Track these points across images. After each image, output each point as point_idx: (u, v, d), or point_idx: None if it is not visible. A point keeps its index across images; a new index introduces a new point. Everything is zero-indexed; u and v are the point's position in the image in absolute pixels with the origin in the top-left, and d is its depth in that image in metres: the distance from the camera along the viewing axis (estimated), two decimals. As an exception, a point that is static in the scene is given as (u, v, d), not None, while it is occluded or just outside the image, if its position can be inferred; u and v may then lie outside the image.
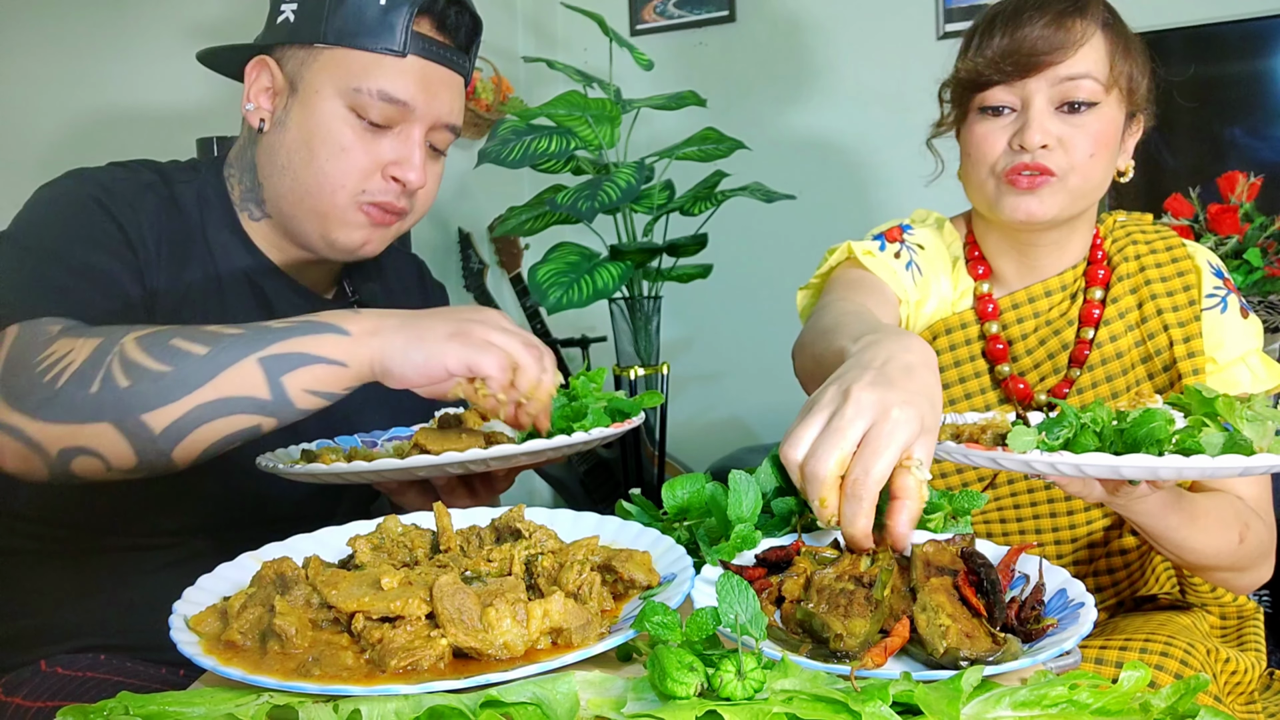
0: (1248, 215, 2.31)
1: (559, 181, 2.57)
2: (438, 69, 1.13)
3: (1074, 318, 1.28)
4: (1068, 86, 1.15)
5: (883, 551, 0.80)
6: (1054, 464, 0.85)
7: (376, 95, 1.09)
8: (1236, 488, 1.19)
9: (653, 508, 1.12)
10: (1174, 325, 1.24)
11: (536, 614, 0.73)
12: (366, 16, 1.08)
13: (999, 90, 1.18)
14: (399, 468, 0.91)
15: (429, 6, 1.11)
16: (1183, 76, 2.59)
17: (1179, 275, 1.27)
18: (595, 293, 2.25)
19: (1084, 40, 1.15)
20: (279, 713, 0.66)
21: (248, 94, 1.15)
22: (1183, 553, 1.10)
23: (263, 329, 0.88)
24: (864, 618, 0.74)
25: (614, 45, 2.51)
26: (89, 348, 0.87)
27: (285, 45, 1.13)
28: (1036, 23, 1.15)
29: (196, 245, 1.14)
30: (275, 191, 1.14)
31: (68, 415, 0.85)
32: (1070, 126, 1.17)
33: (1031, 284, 1.30)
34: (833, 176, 3.03)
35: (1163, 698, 0.68)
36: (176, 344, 0.87)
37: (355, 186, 1.11)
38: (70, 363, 0.86)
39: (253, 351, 0.86)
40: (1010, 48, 1.16)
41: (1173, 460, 0.82)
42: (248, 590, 0.79)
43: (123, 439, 0.86)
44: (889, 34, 2.95)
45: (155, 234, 1.10)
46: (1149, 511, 1.03)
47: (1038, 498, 1.29)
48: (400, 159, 1.12)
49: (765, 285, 2.93)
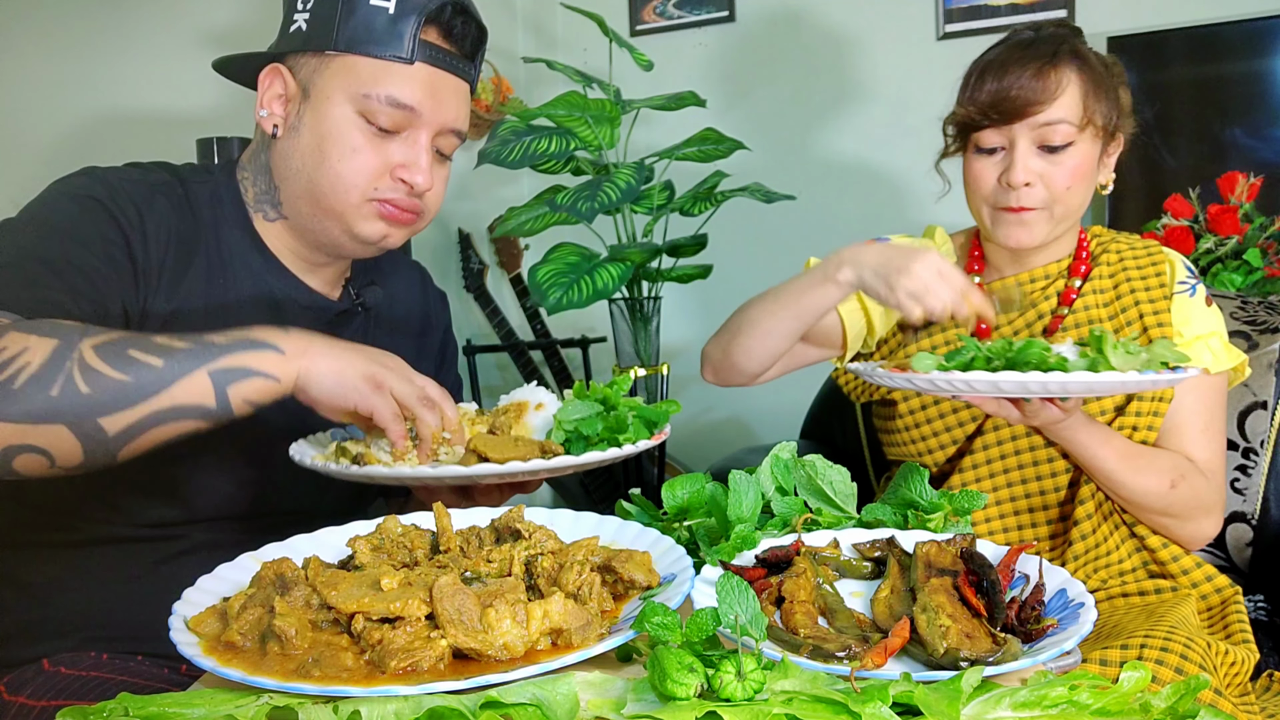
0: (1248, 215, 2.31)
1: (559, 182, 2.57)
2: (444, 76, 1.17)
3: (1052, 294, 1.44)
4: (1046, 131, 1.32)
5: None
6: (950, 381, 1.04)
7: (385, 101, 1.13)
8: (1190, 449, 1.35)
9: (653, 508, 1.12)
10: (1145, 303, 1.40)
11: (536, 615, 0.73)
12: (376, 25, 1.12)
13: (989, 133, 1.36)
14: (465, 474, 0.96)
15: (436, 16, 1.15)
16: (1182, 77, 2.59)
17: (1153, 264, 1.44)
18: (595, 293, 2.25)
19: (1060, 91, 1.31)
20: (279, 714, 0.66)
21: (261, 100, 1.18)
22: (1115, 486, 1.30)
23: (208, 344, 0.94)
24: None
25: (614, 45, 2.51)
26: (45, 349, 0.89)
27: (298, 53, 1.16)
28: (1019, 76, 1.31)
29: (207, 245, 1.17)
30: (291, 193, 1.18)
31: (23, 416, 0.88)
32: (1050, 164, 1.34)
33: (1020, 272, 1.47)
34: (832, 176, 3.03)
35: (1163, 698, 0.68)
36: (133, 354, 0.92)
37: (367, 185, 1.15)
38: (27, 363, 0.89)
39: (203, 364, 0.93)
40: (997, 97, 1.33)
41: (1035, 375, 1.00)
42: (247, 591, 0.79)
43: (75, 440, 0.90)
44: (889, 34, 2.94)
45: (164, 235, 1.12)
46: (1076, 440, 1.25)
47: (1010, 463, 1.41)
48: (408, 162, 1.16)
49: (765, 285, 2.92)
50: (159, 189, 1.15)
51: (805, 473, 1.07)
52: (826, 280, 1.31)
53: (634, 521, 0.97)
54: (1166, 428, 1.37)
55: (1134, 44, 2.58)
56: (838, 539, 0.98)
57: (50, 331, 0.91)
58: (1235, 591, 1.33)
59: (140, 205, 1.11)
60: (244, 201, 1.21)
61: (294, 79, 1.16)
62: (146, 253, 1.10)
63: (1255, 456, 1.61)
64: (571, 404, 1.09)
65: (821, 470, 1.06)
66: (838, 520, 1.05)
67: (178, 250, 1.13)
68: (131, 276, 1.09)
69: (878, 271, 1.25)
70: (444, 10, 1.15)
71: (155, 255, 1.11)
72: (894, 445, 1.52)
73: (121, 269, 1.08)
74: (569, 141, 2.39)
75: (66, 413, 0.89)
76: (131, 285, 1.08)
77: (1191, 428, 1.36)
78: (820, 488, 1.06)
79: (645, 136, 2.99)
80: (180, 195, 1.16)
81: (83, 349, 0.90)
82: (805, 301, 1.34)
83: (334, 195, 1.15)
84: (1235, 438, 1.61)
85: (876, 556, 0.95)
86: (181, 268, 1.13)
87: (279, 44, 1.19)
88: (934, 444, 1.45)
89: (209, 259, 1.16)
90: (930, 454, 1.46)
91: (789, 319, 1.37)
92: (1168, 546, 1.36)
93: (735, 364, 1.45)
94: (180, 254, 1.14)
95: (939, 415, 1.45)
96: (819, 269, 1.33)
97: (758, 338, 1.41)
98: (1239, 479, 1.61)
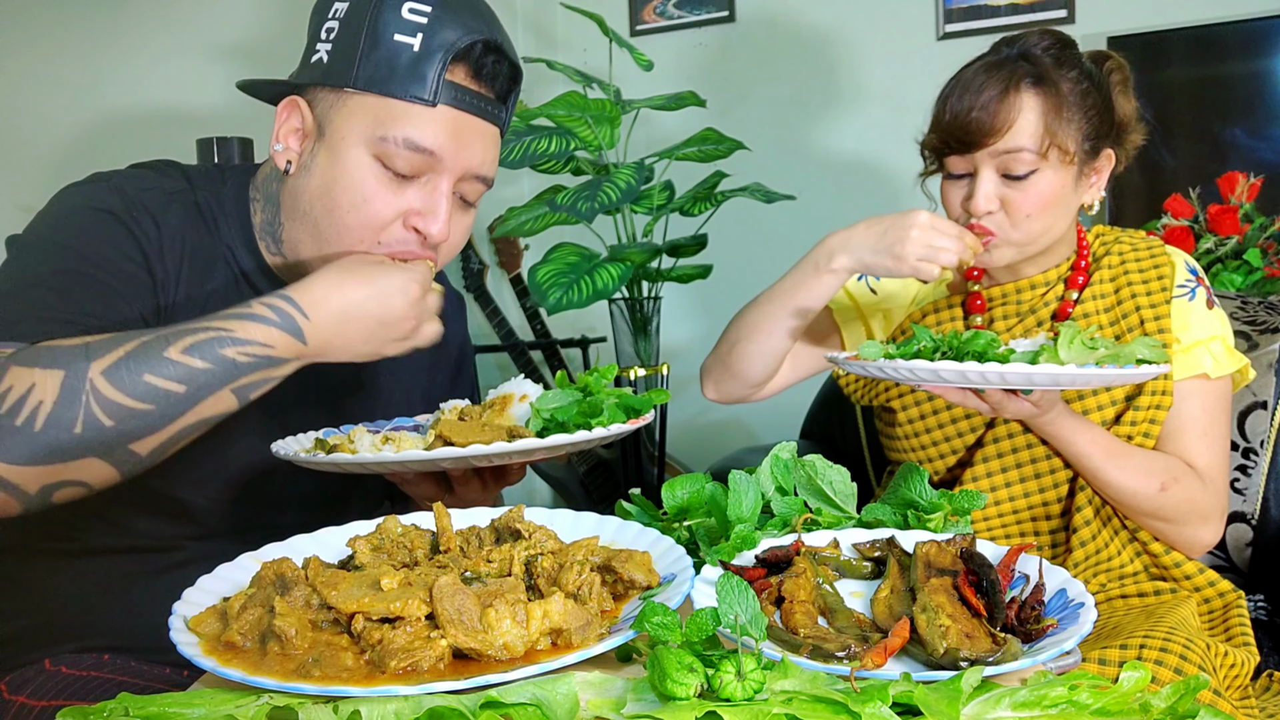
0: (1248, 215, 2.31)
1: (559, 182, 2.56)
2: (470, 119, 1.08)
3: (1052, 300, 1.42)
4: (1007, 159, 1.30)
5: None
6: (896, 368, 1.07)
7: (403, 144, 1.05)
8: (1189, 454, 1.33)
9: (653, 508, 1.12)
10: (1145, 306, 1.37)
11: (536, 615, 0.73)
12: (399, 63, 1.04)
13: (954, 159, 1.34)
14: (424, 459, 0.94)
15: (465, 55, 1.06)
16: (1182, 77, 2.59)
17: (1155, 267, 1.40)
18: (595, 293, 2.24)
19: (1015, 118, 1.28)
20: (279, 714, 0.66)
21: (277, 134, 1.11)
22: (1102, 485, 1.30)
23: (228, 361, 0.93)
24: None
25: (614, 46, 2.51)
26: (54, 383, 0.88)
27: (317, 87, 1.09)
28: (976, 101, 1.29)
29: (221, 257, 1.13)
30: (294, 235, 1.12)
31: (52, 457, 0.88)
32: (1014, 190, 1.31)
33: (1019, 279, 1.44)
34: (832, 177, 3.03)
35: (1162, 698, 0.68)
36: (150, 380, 0.90)
37: (371, 240, 1.08)
38: (40, 401, 0.87)
39: (226, 385, 0.94)
40: (956, 125, 1.31)
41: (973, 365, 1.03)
42: (247, 591, 0.79)
43: (109, 466, 0.92)
44: (889, 34, 2.94)
45: (179, 245, 1.09)
46: (1060, 435, 1.26)
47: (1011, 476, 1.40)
48: (425, 210, 1.08)
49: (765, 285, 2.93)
50: (176, 197, 1.11)
51: (805, 473, 1.07)
52: (820, 271, 1.31)
53: (634, 521, 0.97)
54: (1167, 432, 1.35)
55: (1134, 44, 2.58)
56: (838, 539, 0.98)
57: (51, 361, 0.89)
58: (1238, 596, 1.32)
59: (156, 215, 1.08)
60: (252, 224, 1.16)
61: (311, 114, 1.09)
62: (164, 264, 1.08)
63: (1255, 456, 1.61)
64: (550, 393, 1.07)
65: (821, 470, 1.06)
66: (838, 520, 1.05)
67: (192, 263, 1.10)
68: (150, 289, 1.06)
69: (877, 248, 1.26)
70: (474, 49, 1.06)
71: (172, 266, 1.08)
72: (895, 451, 1.52)
73: (139, 284, 1.05)
74: (569, 141, 2.39)
75: (95, 447, 0.89)
76: (150, 298, 1.06)
77: (1190, 433, 1.34)
78: (820, 488, 1.06)
79: (645, 136, 2.98)
80: (193, 204, 1.13)
81: (93, 378, 0.89)
82: (801, 296, 1.34)
83: (338, 248, 1.08)
84: (1235, 438, 1.61)
85: (876, 556, 0.95)
86: (198, 280, 1.10)
87: (299, 73, 1.12)
88: (934, 453, 1.44)
89: (225, 271, 1.13)
90: (930, 463, 1.44)
91: (786, 317, 1.37)
92: (1170, 552, 1.34)
93: (736, 373, 1.44)
94: (195, 267, 1.10)
95: (938, 425, 1.43)
96: (808, 261, 1.33)
97: (757, 341, 1.40)
98: (1239, 479, 1.61)
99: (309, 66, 1.10)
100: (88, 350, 0.90)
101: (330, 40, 1.07)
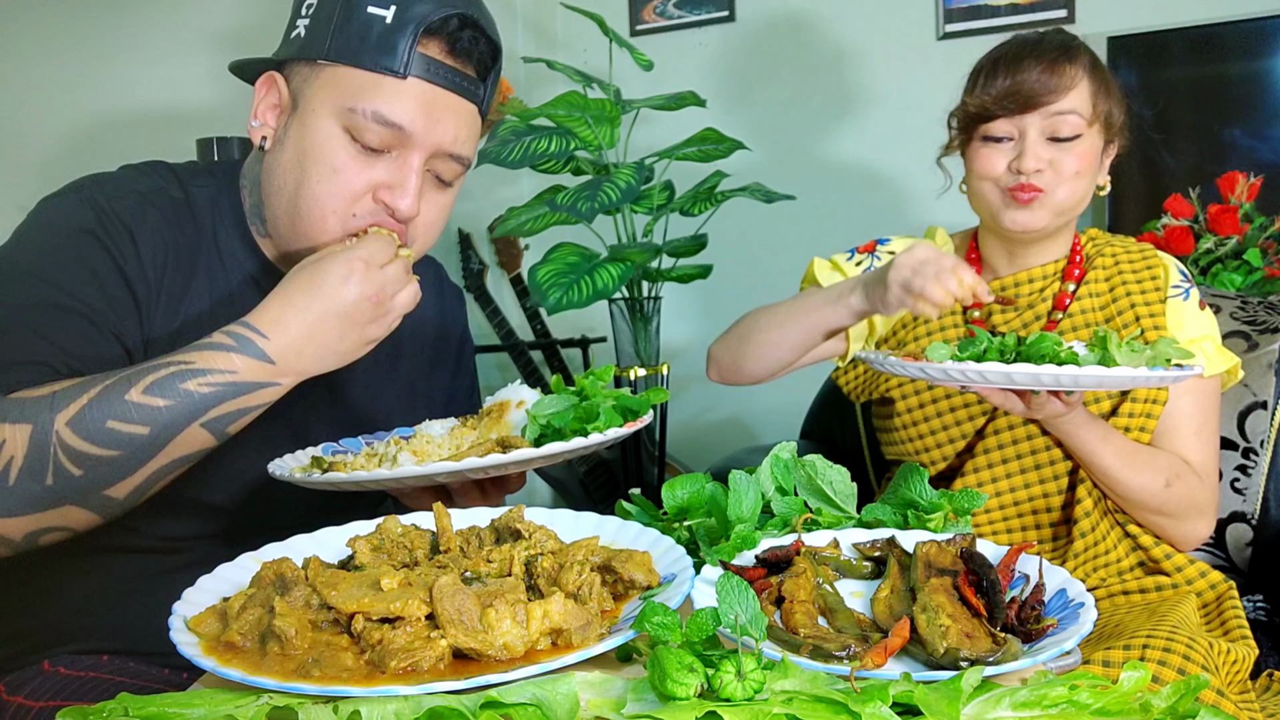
0: (1248, 215, 2.31)
1: (559, 182, 2.56)
2: (444, 94, 1.07)
3: (1049, 295, 1.46)
4: (1057, 121, 1.36)
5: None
6: (964, 371, 1.06)
7: (371, 117, 1.04)
8: (1185, 451, 1.38)
9: (653, 508, 1.12)
10: (1141, 305, 1.42)
11: (536, 615, 0.73)
12: (370, 35, 1.04)
13: (1001, 123, 1.38)
14: (420, 474, 0.95)
15: (439, 28, 1.06)
16: (1182, 77, 2.59)
17: (1148, 269, 1.46)
18: (595, 293, 2.24)
19: (1072, 85, 1.36)
20: (279, 714, 0.66)
21: (255, 110, 1.11)
22: (1112, 483, 1.33)
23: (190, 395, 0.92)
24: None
25: (614, 45, 2.51)
26: (22, 437, 0.88)
27: (294, 61, 1.09)
28: (1034, 68, 1.35)
29: (207, 252, 1.13)
30: (274, 212, 1.11)
31: (29, 508, 0.89)
32: (1058, 152, 1.37)
33: (1017, 272, 1.49)
34: (833, 176, 3.03)
35: (1163, 698, 0.68)
36: (113, 427, 0.90)
37: (344, 211, 1.07)
38: (11, 456, 0.88)
39: (193, 420, 0.93)
40: (1011, 89, 1.36)
41: (1049, 368, 1.03)
42: (247, 591, 0.79)
43: (87, 512, 0.92)
44: (889, 34, 2.94)
45: (160, 252, 1.08)
46: (1076, 435, 1.28)
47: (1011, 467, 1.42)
48: (393, 183, 1.07)
49: (765, 285, 2.92)
50: (152, 198, 1.10)
51: (805, 473, 1.07)
52: (839, 300, 1.32)
53: (634, 521, 0.97)
54: (1161, 429, 1.38)
55: (1134, 44, 2.58)
56: (838, 539, 0.98)
57: (19, 415, 0.90)
58: (1230, 587, 1.35)
59: (133, 225, 1.07)
60: (243, 211, 1.16)
61: (287, 89, 1.09)
62: (144, 278, 1.07)
63: (1255, 456, 1.61)
64: (546, 399, 1.07)
65: (821, 470, 1.06)
66: (838, 520, 1.05)
67: (175, 265, 1.09)
68: (130, 307, 1.06)
69: (869, 282, 1.27)
70: (448, 23, 1.06)
71: (153, 278, 1.07)
72: (892, 445, 1.53)
73: (121, 306, 1.05)
74: (569, 141, 2.39)
75: (70, 495, 0.90)
76: (131, 316, 1.06)
77: (1186, 430, 1.38)
78: (820, 488, 1.06)
79: (645, 136, 2.98)
80: (180, 200, 1.12)
81: (58, 430, 0.89)
82: (816, 318, 1.36)
83: (309, 219, 1.07)
84: (1235, 438, 1.62)
85: (876, 556, 0.95)
86: (182, 282, 1.10)
87: (280, 50, 1.13)
88: (930, 443, 1.45)
89: (210, 270, 1.12)
90: (927, 452, 1.46)
91: (799, 333, 1.38)
92: (1160, 545, 1.38)
93: (743, 370, 1.47)
94: (178, 269, 1.10)
95: (936, 415, 1.45)
96: (836, 287, 1.35)
97: (768, 348, 1.42)
98: (1239, 479, 1.61)
99: (288, 43, 1.11)
100: (53, 401, 0.90)
101: (309, 15, 1.08)
